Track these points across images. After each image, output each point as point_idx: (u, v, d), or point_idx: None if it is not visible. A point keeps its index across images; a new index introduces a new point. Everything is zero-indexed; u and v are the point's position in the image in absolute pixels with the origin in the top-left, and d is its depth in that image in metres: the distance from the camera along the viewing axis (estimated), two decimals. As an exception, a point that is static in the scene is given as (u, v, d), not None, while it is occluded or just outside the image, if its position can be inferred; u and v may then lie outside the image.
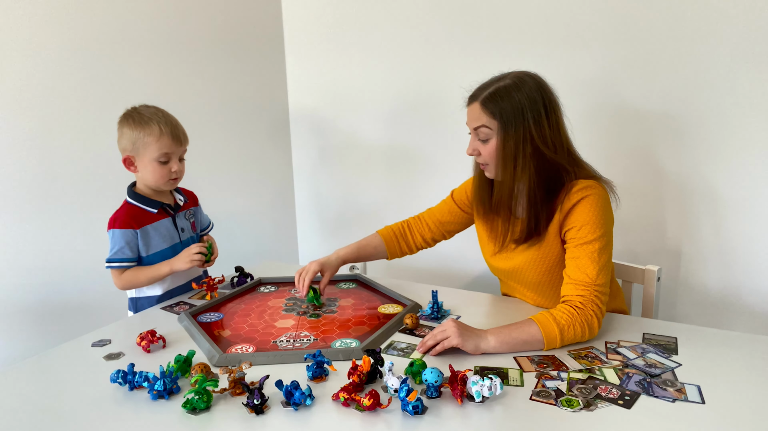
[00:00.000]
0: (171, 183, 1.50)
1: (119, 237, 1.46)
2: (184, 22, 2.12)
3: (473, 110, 1.29)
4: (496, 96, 1.24)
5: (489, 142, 1.27)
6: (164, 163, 1.46)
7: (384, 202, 2.49)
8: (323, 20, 2.44)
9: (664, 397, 0.96)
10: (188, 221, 1.61)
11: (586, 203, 1.23)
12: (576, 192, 1.24)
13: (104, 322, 1.36)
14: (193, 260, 1.45)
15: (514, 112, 1.22)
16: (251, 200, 2.53)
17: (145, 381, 1.00)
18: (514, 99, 1.22)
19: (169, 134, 1.44)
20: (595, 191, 1.24)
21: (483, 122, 1.26)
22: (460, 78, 2.14)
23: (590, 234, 1.22)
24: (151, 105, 1.51)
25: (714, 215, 1.78)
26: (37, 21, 1.69)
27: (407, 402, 0.92)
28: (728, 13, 1.63)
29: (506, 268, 1.40)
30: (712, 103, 1.71)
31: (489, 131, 1.26)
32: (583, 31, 1.87)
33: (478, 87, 1.30)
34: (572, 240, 1.25)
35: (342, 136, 2.52)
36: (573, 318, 1.15)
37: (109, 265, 1.46)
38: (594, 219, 1.22)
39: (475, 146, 1.31)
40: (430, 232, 1.58)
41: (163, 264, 1.47)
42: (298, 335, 1.26)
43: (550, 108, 1.24)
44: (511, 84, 1.24)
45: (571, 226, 1.25)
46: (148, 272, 1.47)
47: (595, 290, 1.20)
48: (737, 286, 1.78)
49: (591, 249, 1.22)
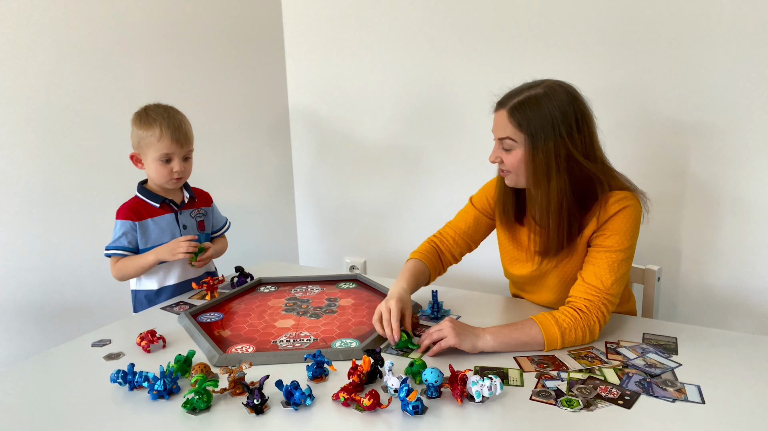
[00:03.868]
0: (174, 182, 1.53)
1: (119, 228, 1.51)
2: (184, 22, 2.12)
3: (500, 118, 1.23)
4: (524, 106, 1.18)
5: (512, 152, 1.22)
6: (166, 162, 1.50)
7: (384, 201, 2.49)
8: (323, 20, 2.44)
9: (664, 397, 0.96)
10: (194, 219, 1.62)
11: (623, 214, 1.21)
12: (613, 203, 1.21)
13: (104, 322, 1.37)
14: (177, 254, 1.46)
15: (543, 125, 1.17)
16: (251, 200, 2.53)
17: (145, 381, 1.00)
18: (544, 110, 1.17)
19: (169, 136, 1.48)
20: (633, 203, 1.22)
21: (508, 134, 1.21)
22: (460, 78, 2.16)
23: (617, 244, 1.20)
24: (162, 104, 1.54)
25: (714, 215, 1.78)
26: (38, 21, 1.69)
27: (407, 402, 0.92)
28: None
29: (526, 275, 1.37)
30: (715, 104, 1.71)
31: (513, 143, 1.21)
32: (599, 34, 1.87)
33: (508, 93, 1.24)
34: (597, 245, 1.23)
35: (342, 135, 2.52)
36: (575, 322, 1.15)
37: (105, 252, 1.52)
38: (625, 231, 1.20)
39: (498, 154, 1.26)
40: (458, 247, 1.48)
41: (149, 253, 1.49)
42: (298, 335, 1.26)
43: (583, 121, 1.19)
44: (542, 94, 1.18)
45: (602, 233, 1.22)
46: (136, 260, 1.50)
47: (605, 298, 1.18)
48: (737, 286, 1.78)
49: (613, 258, 1.20)
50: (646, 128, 1.83)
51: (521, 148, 1.21)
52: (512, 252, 1.41)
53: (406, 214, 2.45)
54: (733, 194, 1.73)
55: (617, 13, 1.80)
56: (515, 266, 1.40)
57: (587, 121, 1.20)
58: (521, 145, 1.20)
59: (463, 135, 2.20)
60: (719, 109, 1.70)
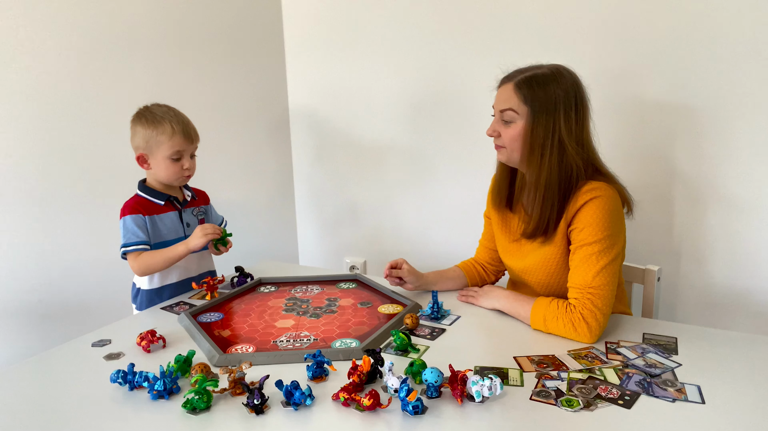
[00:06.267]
0: (183, 179, 1.56)
1: (130, 223, 1.49)
2: (184, 22, 2.12)
3: (504, 91, 1.28)
4: (532, 81, 1.24)
5: (511, 125, 1.27)
6: (176, 160, 1.51)
7: (384, 202, 2.49)
8: (323, 20, 2.44)
9: (664, 397, 0.96)
10: (196, 218, 1.64)
11: (591, 205, 1.23)
12: (583, 193, 1.24)
13: (104, 322, 1.37)
14: (207, 234, 1.46)
15: (546, 102, 1.22)
16: (251, 200, 2.53)
17: (145, 381, 1.00)
18: (549, 89, 1.22)
19: (181, 132, 1.49)
20: (603, 193, 1.23)
21: (511, 105, 1.26)
22: (460, 77, 2.16)
23: (591, 236, 1.22)
24: (162, 104, 1.54)
25: (714, 215, 1.78)
26: (38, 20, 1.69)
27: (407, 402, 0.92)
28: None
29: (518, 268, 1.41)
30: (716, 102, 1.71)
31: (515, 115, 1.26)
32: (593, 26, 1.87)
33: (516, 70, 1.30)
34: (574, 241, 1.26)
35: (342, 135, 2.52)
36: (560, 313, 1.20)
37: (125, 250, 1.49)
38: (597, 222, 1.22)
39: (496, 127, 1.31)
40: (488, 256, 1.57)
41: (179, 245, 1.48)
42: (298, 335, 1.26)
43: (581, 105, 1.25)
44: (549, 74, 1.24)
45: (575, 227, 1.25)
46: (165, 253, 1.48)
47: (590, 292, 1.20)
48: (737, 286, 1.78)
49: (589, 251, 1.22)
50: (649, 128, 1.83)
51: (522, 121, 1.25)
52: (504, 243, 1.46)
53: (405, 214, 2.45)
54: (733, 194, 1.73)
55: (618, 13, 1.80)
56: (506, 256, 1.46)
57: (583, 108, 1.26)
58: (522, 118, 1.25)
59: (463, 135, 2.20)
60: (724, 107, 1.70)
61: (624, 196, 1.29)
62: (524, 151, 1.27)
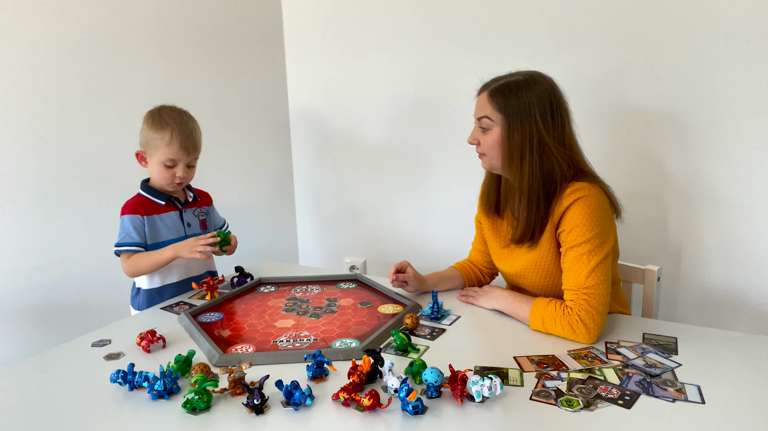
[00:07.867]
0: (174, 186, 1.55)
1: (127, 223, 1.50)
2: (184, 24, 2.12)
3: (481, 100, 1.32)
4: (504, 89, 1.27)
5: (488, 132, 1.30)
6: (170, 167, 1.50)
7: (384, 202, 2.49)
8: (323, 20, 2.44)
9: (664, 397, 0.96)
10: (197, 218, 1.64)
11: (577, 206, 1.23)
12: (567, 195, 1.25)
13: (104, 322, 1.37)
14: (195, 252, 1.44)
15: (519, 108, 1.25)
16: (251, 200, 2.53)
17: (145, 381, 1.00)
18: (522, 96, 1.25)
19: (179, 142, 1.48)
20: (588, 193, 1.23)
21: (486, 113, 1.29)
22: (459, 78, 2.16)
23: (579, 237, 1.22)
24: (177, 108, 1.54)
25: (714, 215, 1.78)
26: (38, 20, 1.69)
27: (407, 402, 0.92)
28: (731, 12, 1.63)
29: (511, 272, 1.42)
30: (714, 103, 1.71)
31: (490, 122, 1.29)
32: (584, 29, 1.87)
33: (492, 79, 1.33)
34: (564, 243, 1.26)
35: (342, 135, 2.52)
36: (558, 315, 1.20)
37: (117, 249, 1.50)
38: (584, 222, 1.22)
39: (475, 135, 1.34)
40: (483, 259, 1.58)
41: (167, 249, 1.48)
42: (298, 335, 1.26)
43: (557, 110, 1.26)
44: (522, 81, 1.26)
45: (563, 229, 1.26)
46: (152, 256, 1.49)
47: (584, 292, 1.20)
48: (737, 286, 1.78)
49: (580, 251, 1.22)
50: (648, 129, 1.83)
51: (498, 128, 1.28)
52: (496, 248, 1.47)
53: (405, 215, 2.45)
54: (733, 194, 1.73)
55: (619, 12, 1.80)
56: (499, 261, 1.47)
57: (561, 111, 1.27)
58: (498, 125, 1.27)
59: (462, 135, 2.17)
60: (721, 109, 1.70)
61: (608, 194, 1.29)
62: (504, 158, 1.29)
